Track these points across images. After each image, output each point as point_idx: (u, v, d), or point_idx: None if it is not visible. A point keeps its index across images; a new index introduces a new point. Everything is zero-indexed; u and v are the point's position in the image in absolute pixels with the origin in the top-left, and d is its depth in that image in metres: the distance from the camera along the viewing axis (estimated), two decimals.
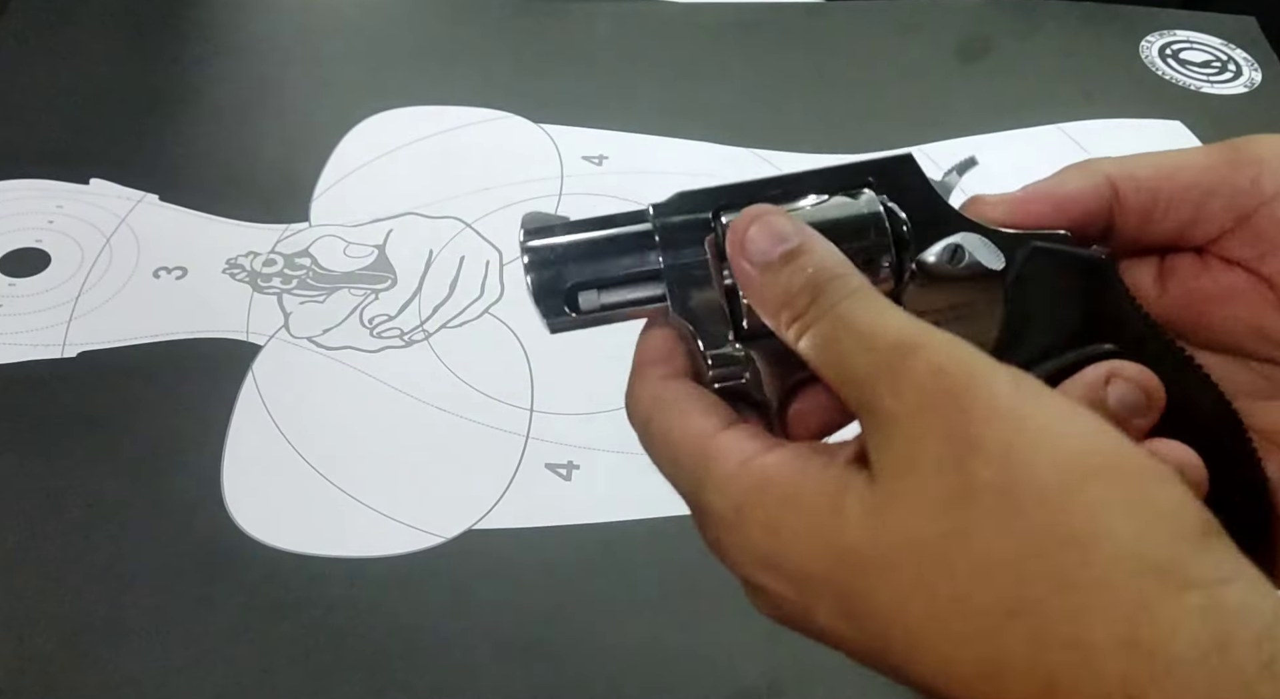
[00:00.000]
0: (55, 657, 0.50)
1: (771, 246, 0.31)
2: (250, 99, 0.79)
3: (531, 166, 0.74)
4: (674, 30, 0.86)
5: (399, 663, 0.51)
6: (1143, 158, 0.34)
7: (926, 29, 0.86)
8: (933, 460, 0.26)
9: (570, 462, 0.58)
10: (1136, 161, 0.34)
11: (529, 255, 0.33)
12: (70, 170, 0.72)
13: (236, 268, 0.67)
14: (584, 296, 0.33)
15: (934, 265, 0.32)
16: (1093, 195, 0.34)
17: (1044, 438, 0.26)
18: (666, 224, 0.33)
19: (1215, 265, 0.35)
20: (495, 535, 0.56)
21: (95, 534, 0.55)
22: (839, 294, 0.30)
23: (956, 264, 0.32)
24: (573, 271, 0.33)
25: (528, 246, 0.33)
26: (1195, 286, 0.35)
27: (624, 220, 0.34)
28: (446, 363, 0.63)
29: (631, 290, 0.33)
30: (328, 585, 0.53)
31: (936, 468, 0.26)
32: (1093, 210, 0.34)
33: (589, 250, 0.33)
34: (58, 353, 0.63)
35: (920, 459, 0.26)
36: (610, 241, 0.33)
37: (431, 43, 0.84)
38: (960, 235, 0.33)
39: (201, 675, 0.50)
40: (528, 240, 0.33)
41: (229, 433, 0.59)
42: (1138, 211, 0.34)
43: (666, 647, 0.51)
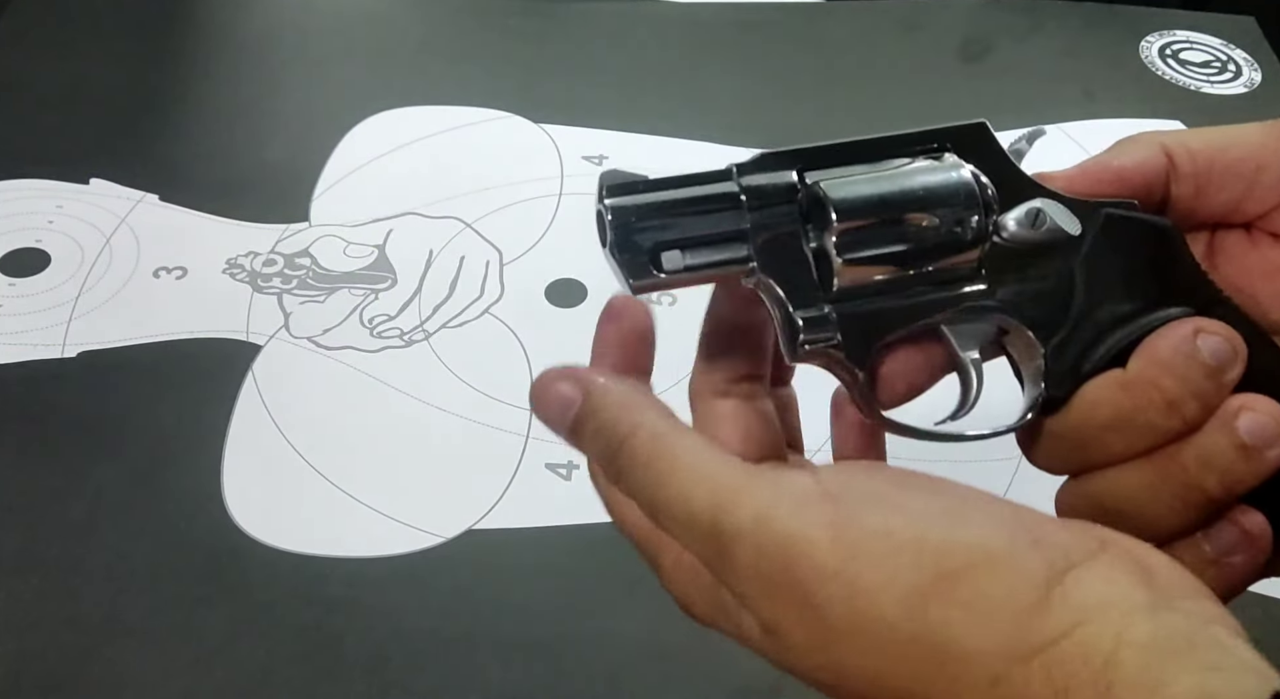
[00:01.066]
0: (55, 657, 0.50)
1: (561, 416, 0.33)
2: (250, 99, 0.79)
3: (531, 166, 0.74)
4: (674, 30, 0.86)
5: (399, 663, 0.51)
6: (1198, 132, 0.35)
7: (926, 29, 0.86)
8: (795, 619, 0.28)
9: (570, 462, 0.58)
10: (1192, 135, 0.35)
11: (612, 214, 0.31)
12: (70, 170, 0.72)
13: (236, 268, 0.67)
14: (667, 257, 0.31)
15: (1015, 229, 0.32)
16: (1152, 166, 0.34)
17: (875, 578, 0.28)
18: (752, 184, 0.32)
19: (1264, 242, 0.35)
20: (495, 535, 0.56)
21: (95, 534, 0.55)
22: (639, 455, 0.31)
23: (1038, 228, 0.32)
24: (657, 230, 0.31)
25: (611, 205, 0.31)
26: (1244, 264, 0.35)
27: (707, 179, 0.32)
28: (446, 363, 0.63)
29: (715, 252, 0.32)
30: (328, 585, 0.53)
31: (799, 621, 0.28)
32: (1151, 180, 0.34)
33: (673, 208, 0.32)
34: (58, 353, 0.63)
35: (784, 622, 0.29)
36: (695, 200, 0.32)
37: (431, 43, 0.84)
38: (1040, 200, 0.33)
39: (201, 675, 0.50)
40: (609, 197, 0.31)
41: (229, 433, 0.59)
42: (1192, 183, 0.34)
43: (666, 646, 0.51)
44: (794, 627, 0.29)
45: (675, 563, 0.32)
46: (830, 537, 0.28)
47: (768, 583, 0.29)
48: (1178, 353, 0.31)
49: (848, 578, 0.28)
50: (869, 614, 0.27)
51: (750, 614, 0.30)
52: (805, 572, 0.28)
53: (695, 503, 0.30)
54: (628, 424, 0.31)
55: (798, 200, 0.32)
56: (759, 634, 0.30)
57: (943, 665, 0.27)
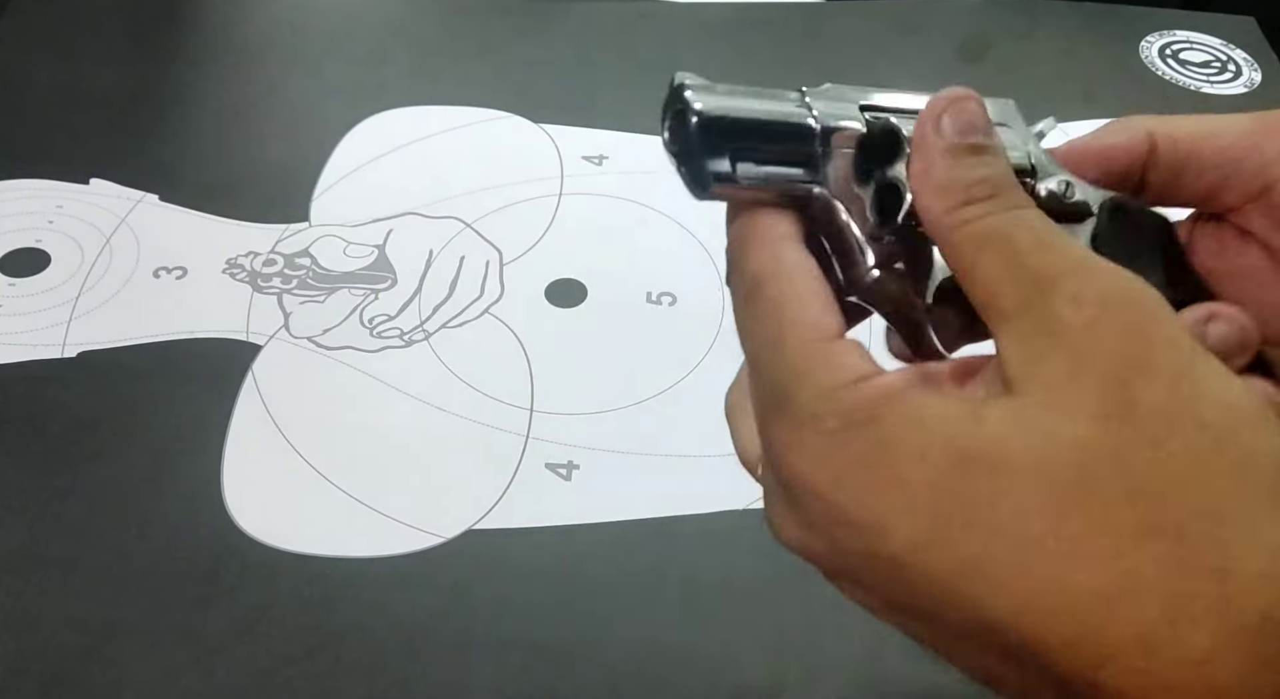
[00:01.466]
0: (55, 657, 0.50)
1: (964, 134, 0.29)
2: (250, 99, 0.79)
3: (531, 166, 0.74)
4: (674, 30, 0.86)
5: (399, 663, 0.51)
6: (1188, 119, 0.34)
7: (926, 29, 0.86)
8: (1097, 377, 0.25)
9: (570, 461, 0.58)
10: (1180, 121, 0.34)
11: (697, 117, 0.29)
12: (70, 170, 0.72)
13: (236, 268, 0.67)
14: (742, 167, 0.30)
15: (1047, 197, 0.32)
16: (1134, 149, 0.34)
17: (1211, 378, 0.25)
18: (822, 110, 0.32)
19: (1233, 244, 0.35)
20: (495, 535, 0.56)
21: (95, 534, 0.55)
22: (1019, 200, 0.29)
23: (1069, 199, 0.32)
24: (736, 138, 0.30)
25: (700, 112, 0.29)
26: (1214, 266, 0.35)
27: (776, 95, 0.32)
28: (446, 363, 0.63)
29: (786, 168, 0.31)
30: (329, 586, 0.53)
31: (1100, 382, 0.25)
32: (1131, 164, 0.34)
33: (754, 120, 0.31)
34: (58, 353, 0.63)
35: (1084, 372, 0.25)
36: (773, 117, 0.31)
37: (431, 43, 0.84)
38: (1066, 173, 0.33)
39: (201, 675, 0.50)
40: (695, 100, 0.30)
41: (229, 433, 0.59)
42: (1170, 169, 0.34)
43: (666, 647, 0.51)
44: (1091, 390, 0.25)
45: None
46: (1188, 332, 0.26)
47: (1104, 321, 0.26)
48: None
49: (1190, 356, 0.25)
50: (1183, 405, 0.25)
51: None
52: (1160, 327, 0.26)
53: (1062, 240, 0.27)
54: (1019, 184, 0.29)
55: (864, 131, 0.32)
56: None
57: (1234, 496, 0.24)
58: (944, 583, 0.25)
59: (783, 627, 0.52)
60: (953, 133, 0.29)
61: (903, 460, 0.26)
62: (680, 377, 0.62)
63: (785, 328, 0.28)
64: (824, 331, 0.28)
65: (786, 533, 0.29)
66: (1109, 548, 0.24)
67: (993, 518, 0.25)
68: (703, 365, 0.62)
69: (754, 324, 0.29)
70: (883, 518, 0.26)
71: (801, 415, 0.27)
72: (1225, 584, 0.23)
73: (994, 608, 0.25)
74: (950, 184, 0.29)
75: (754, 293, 0.29)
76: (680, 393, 0.61)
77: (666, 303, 0.66)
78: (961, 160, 0.29)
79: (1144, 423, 0.25)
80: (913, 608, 0.27)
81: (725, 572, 0.54)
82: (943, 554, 0.25)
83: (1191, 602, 0.23)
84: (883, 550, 0.26)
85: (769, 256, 0.30)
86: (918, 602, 0.26)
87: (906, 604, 0.27)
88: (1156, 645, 0.24)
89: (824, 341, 0.28)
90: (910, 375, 0.28)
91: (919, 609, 0.27)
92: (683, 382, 0.62)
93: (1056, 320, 0.26)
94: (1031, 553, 0.24)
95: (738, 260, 0.31)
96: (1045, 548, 0.24)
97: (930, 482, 0.25)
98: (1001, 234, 0.28)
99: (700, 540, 0.54)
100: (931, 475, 0.25)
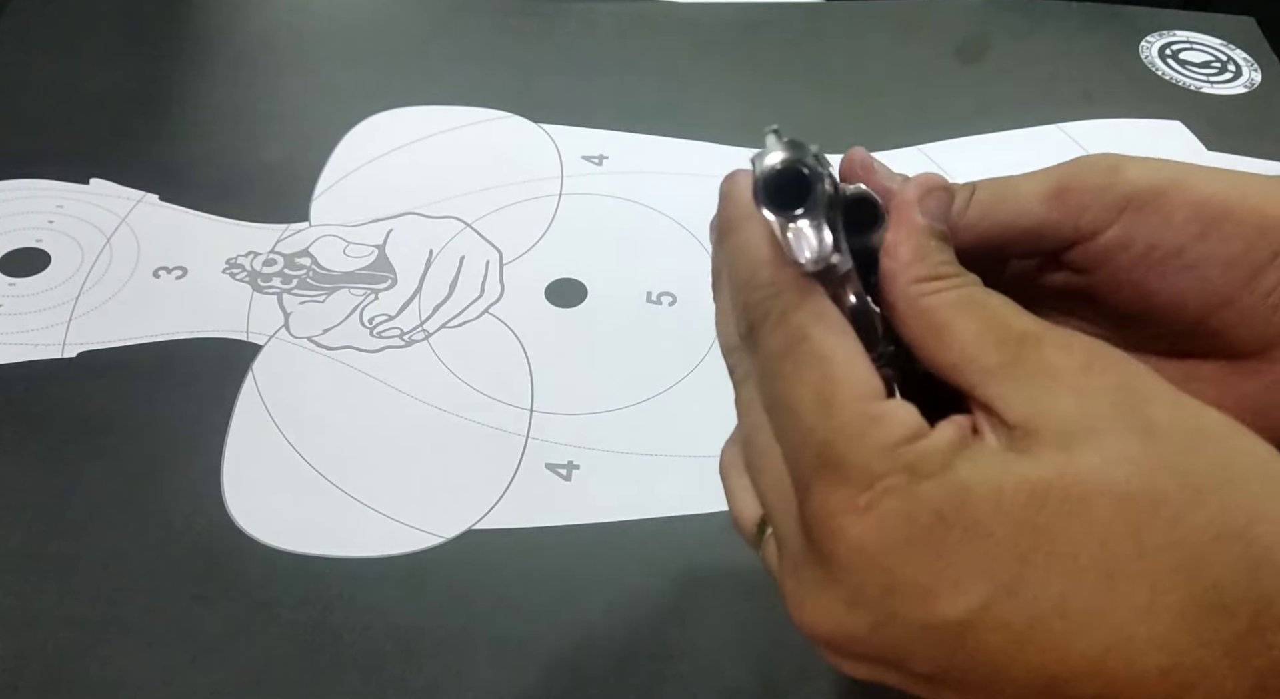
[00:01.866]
0: (55, 657, 0.50)
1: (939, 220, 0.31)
2: (250, 99, 0.79)
3: (531, 166, 0.74)
4: (674, 30, 0.86)
5: (397, 662, 0.51)
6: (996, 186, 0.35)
7: (926, 29, 0.86)
8: (1109, 405, 0.26)
9: (570, 462, 0.58)
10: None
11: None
12: (70, 170, 0.72)
13: (236, 268, 0.67)
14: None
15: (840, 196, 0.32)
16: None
17: (1196, 401, 0.27)
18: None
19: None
20: (495, 535, 0.56)
21: (95, 534, 0.55)
22: (980, 282, 0.30)
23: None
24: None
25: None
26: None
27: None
28: (446, 363, 0.63)
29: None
30: (328, 585, 0.53)
31: (1114, 409, 0.26)
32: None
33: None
34: (58, 353, 0.63)
35: (1096, 404, 0.26)
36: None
37: (431, 43, 0.84)
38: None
39: (200, 675, 0.50)
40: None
41: (229, 433, 0.59)
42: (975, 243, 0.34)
43: (665, 647, 0.51)
44: (1109, 419, 0.26)
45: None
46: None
47: (1095, 363, 0.27)
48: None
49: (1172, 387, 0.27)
50: (1190, 420, 0.26)
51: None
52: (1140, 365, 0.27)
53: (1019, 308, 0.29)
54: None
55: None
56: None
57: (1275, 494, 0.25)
58: (1016, 641, 0.25)
59: (781, 626, 0.52)
60: (930, 217, 0.31)
61: (980, 506, 0.25)
62: (680, 377, 0.62)
63: (836, 386, 0.27)
64: (875, 390, 0.27)
65: (815, 614, 0.28)
66: (1191, 557, 0.24)
67: (1073, 547, 0.25)
68: (703, 365, 0.62)
69: (792, 382, 0.28)
70: (955, 576, 0.25)
71: (861, 478, 0.26)
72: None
73: (1072, 657, 0.24)
74: (924, 258, 0.30)
75: (795, 348, 0.28)
76: (680, 393, 0.61)
77: (666, 303, 0.66)
78: (935, 242, 0.31)
79: (1171, 437, 0.26)
80: (965, 681, 0.26)
81: (724, 571, 0.54)
82: (1019, 605, 0.25)
83: (1273, 604, 0.24)
84: (947, 615, 0.25)
85: (813, 311, 0.29)
86: (974, 672, 0.26)
87: (959, 678, 0.26)
88: (1245, 656, 0.24)
89: (876, 399, 0.27)
90: (960, 427, 0.28)
91: (971, 682, 0.26)
92: (683, 382, 0.62)
93: (1052, 367, 0.27)
94: (1116, 577, 0.24)
95: (771, 311, 0.29)
96: (1129, 569, 0.24)
97: (1008, 524, 0.25)
98: (976, 300, 0.29)
99: (700, 540, 0.54)
100: (1009, 517, 0.25)
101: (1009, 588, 0.25)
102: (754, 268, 0.30)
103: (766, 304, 0.29)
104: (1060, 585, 0.24)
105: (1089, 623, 0.24)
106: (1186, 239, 0.32)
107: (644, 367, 0.63)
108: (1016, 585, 0.25)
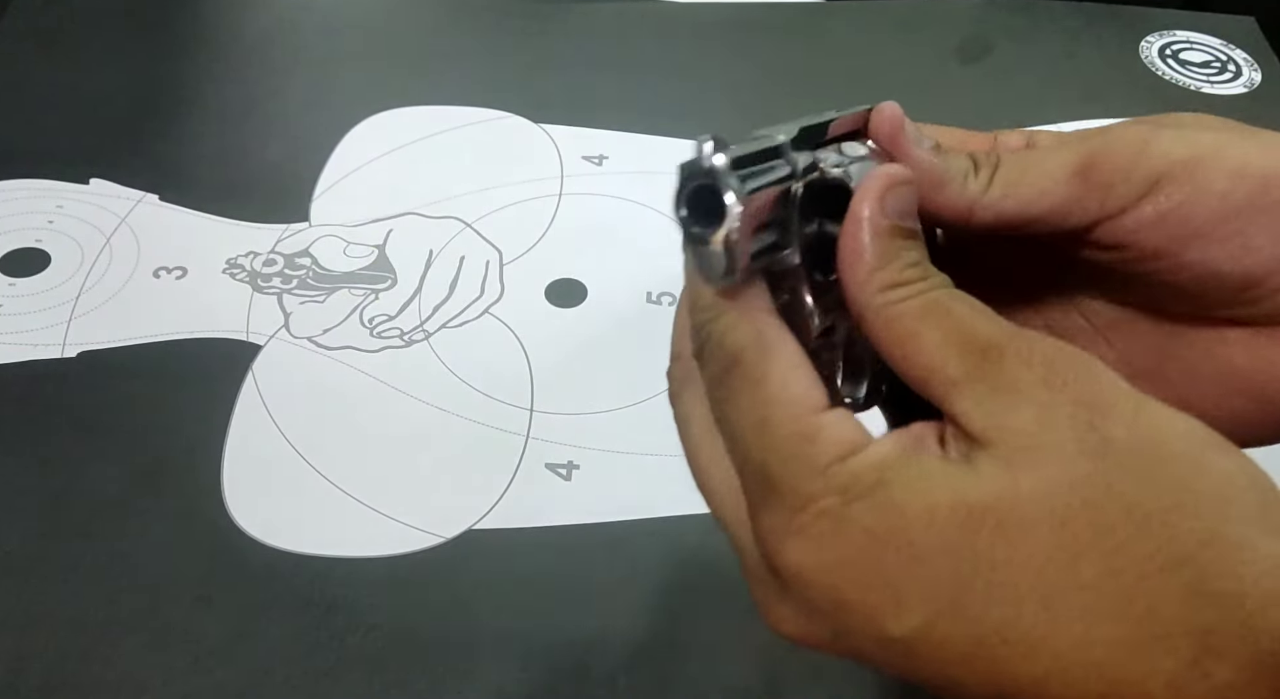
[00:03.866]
0: (55, 657, 0.50)
1: (900, 216, 0.29)
2: (250, 99, 0.79)
3: (531, 166, 0.74)
4: (674, 30, 0.86)
5: (398, 663, 0.51)
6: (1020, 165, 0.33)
7: (926, 29, 0.86)
8: (1065, 420, 0.25)
9: (570, 462, 0.58)
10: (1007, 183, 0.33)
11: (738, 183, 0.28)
12: (70, 170, 0.72)
13: (236, 268, 0.67)
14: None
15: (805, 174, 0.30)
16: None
17: (1161, 412, 0.26)
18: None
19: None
20: (495, 535, 0.56)
21: (95, 534, 0.55)
22: (949, 283, 0.28)
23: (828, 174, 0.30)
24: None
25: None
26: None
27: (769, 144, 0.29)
28: (446, 363, 0.63)
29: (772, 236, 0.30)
30: (328, 585, 0.53)
31: (1070, 426, 0.25)
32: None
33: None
34: (58, 353, 0.63)
35: (1052, 420, 0.25)
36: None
37: (431, 43, 0.84)
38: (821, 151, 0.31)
39: (201, 675, 0.50)
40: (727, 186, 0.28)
41: (229, 433, 0.59)
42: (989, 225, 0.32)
43: (666, 647, 0.51)
44: (1065, 434, 0.25)
45: None
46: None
47: (1056, 376, 0.26)
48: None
49: (1138, 396, 0.26)
50: (1150, 436, 0.25)
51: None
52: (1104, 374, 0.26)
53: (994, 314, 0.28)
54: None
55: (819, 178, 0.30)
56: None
57: (1228, 519, 0.24)
58: (962, 657, 0.25)
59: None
60: (894, 214, 0.29)
61: (913, 527, 0.25)
62: None
63: (770, 408, 0.27)
64: (809, 406, 0.27)
65: (784, 626, 0.28)
66: (1129, 588, 0.24)
67: (1012, 575, 0.24)
68: None
69: (731, 406, 0.28)
70: (896, 596, 0.25)
71: (795, 500, 0.26)
72: (1242, 609, 0.23)
73: (1016, 677, 0.24)
74: (886, 264, 0.28)
75: (731, 370, 0.28)
76: None
77: (666, 303, 0.66)
78: (897, 241, 0.29)
79: (1124, 458, 0.25)
80: (930, 683, 0.26)
81: (724, 571, 0.54)
82: (961, 626, 0.25)
83: (1212, 634, 0.23)
84: (894, 633, 0.25)
85: (751, 331, 0.28)
86: (933, 679, 0.26)
87: (922, 680, 0.26)
88: (1184, 686, 0.23)
89: (811, 416, 0.27)
90: (902, 439, 0.27)
91: (935, 685, 0.26)
92: None
93: (1013, 379, 0.26)
94: (1054, 607, 0.24)
95: (712, 333, 0.29)
96: (1067, 600, 0.24)
97: (944, 545, 0.25)
98: (940, 307, 0.28)
99: (700, 540, 0.54)
100: (944, 538, 0.25)
101: (949, 610, 0.25)
102: (698, 290, 0.30)
103: (709, 326, 0.29)
104: (1000, 612, 0.24)
105: (1029, 650, 0.24)
106: (1227, 210, 0.31)
107: (644, 366, 0.63)
108: (956, 608, 0.25)
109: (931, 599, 0.25)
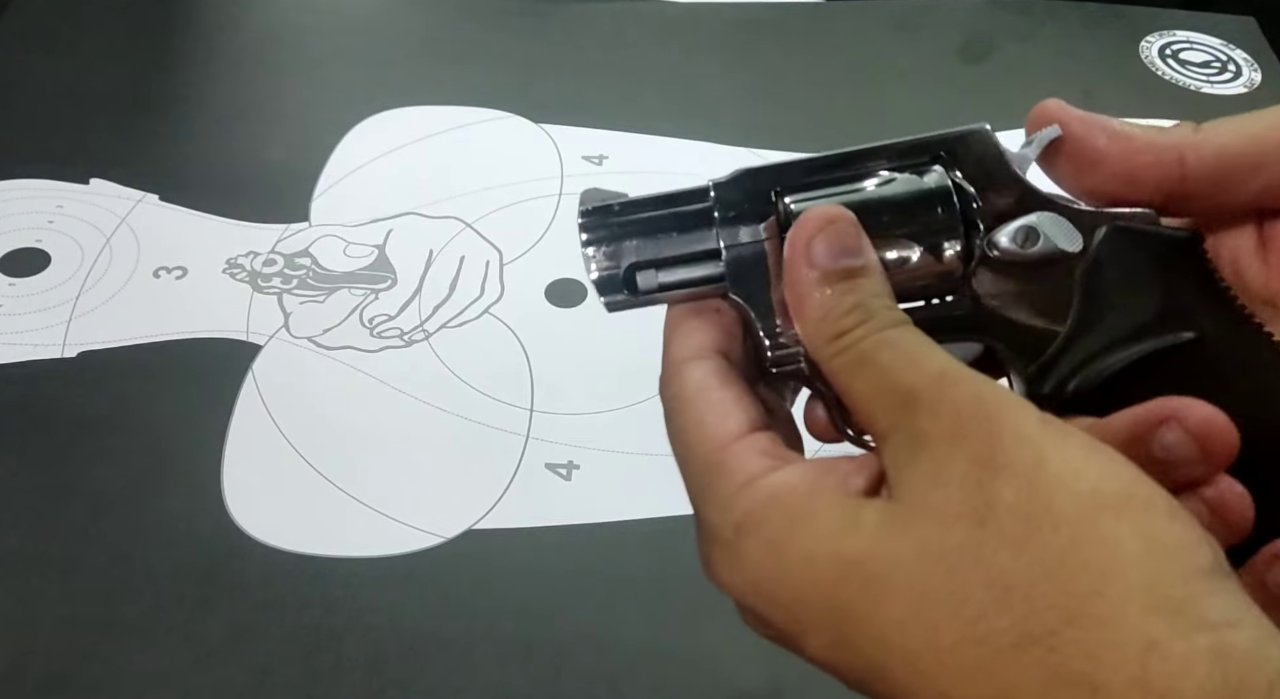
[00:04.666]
0: (55, 656, 0.50)
1: (833, 259, 0.29)
2: (250, 99, 0.79)
3: (531, 166, 0.74)
4: (674, 30, 0.86)
5: (398, 663, 0.51)
6: (1216, 127, 0.32)
7: (926, 29, 0.86)
8: (957, 478, 0.25)
9: (570, 461, 0.58)
10: (1210, 132, 0.31)
11: (586, 233, 0.32)
12: (70, 170, 0.72)
13: (236, 268, 0.67)
14: (642, 276, 0.32)
15: (1005, 247, 0.31)
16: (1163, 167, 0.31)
17: (1065, 469, 0.25)
18: (727, 201, 0.32)
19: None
20: (495, 535, 0.56)
21: (95, 534, 0.55)
22: (889, 321, 0.29)
23: (1029, 247, 0.31)
24: (631, 251, 0.32)
25: (585, 224, 0.33)
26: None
27: (684, 198, 0.32)
28: (446, 363, 0.63)
29: (690, 269, 0.32)
30: (328, 585, 0.53)
31: (960, 485, 0.25)
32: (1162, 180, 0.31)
33: (647, 228, 0.32)
34: (58, 353, 0.63)
35: (945, 476, 0.26)
36: (669, 219, 0.32)
37: (431, 43, 0.84)
38: (1035, 216, 0.31)
39: (201, 675, 0.50)
40: (585, 218, 0.33)
41: (229, 433, 0.59)
42: (1209, 179, 0.31)
43: (666, 647, 0.51)
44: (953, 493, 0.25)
45: None
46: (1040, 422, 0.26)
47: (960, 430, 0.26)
48: (1129, 435, 0.28)
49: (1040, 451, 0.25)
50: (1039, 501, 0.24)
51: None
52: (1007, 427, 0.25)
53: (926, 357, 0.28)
54: (893, 300, 0.29)
55: (770, 224, 0.31)
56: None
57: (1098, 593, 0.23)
58: (862, 679, 0.26)
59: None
60: (825, 258, 0.29)
61: (794, 565, 0.27)
62: None
63: (690, 450, 0.30)
64: (721, 440, 0.29)
65: (757, 631, 0.30)
66: (987, 660, 0.24)
67: (878, 630, 0.25)
68: None
69: (672, 426, 0.31)
70: (794, 622, 0.27)
71: (706, 530, 0.29)
72: (1093, 693, 0.23)
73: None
74: (825, 315, 0.29)
75: (668, 415, 0.31)
76: None
77: None
78: (834, 287, 0.29)
79: (1003, 524, 0.25)
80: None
81: None
82: (850, 658, 0.26)
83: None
84: (812, 654, 0.27)
85: (676, 383, 0.31)
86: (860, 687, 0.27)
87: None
88: None
89: (721, 450, 0.29)
90: (808, 471, 0.28)
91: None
92: None
93: (919, 433, 0.26)
94: (918, 665, 0.25)
95: (665, 354, 0.32)
96: (930, 660, 0.25)
97: (821, 588, 0.26)
98: (869, 359, 0.28)
99: None
100: (821, 580, 0.26)
101: (837, 644, 0.26)
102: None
103: (665, 349, 0.32)
104: (876, 656, 0.26)
105: (906, 693, 0.25)
106: None
107: (644, 367, 0.62)
108: (842, 643, 0.26)
109: (822, 632, 0.27)
